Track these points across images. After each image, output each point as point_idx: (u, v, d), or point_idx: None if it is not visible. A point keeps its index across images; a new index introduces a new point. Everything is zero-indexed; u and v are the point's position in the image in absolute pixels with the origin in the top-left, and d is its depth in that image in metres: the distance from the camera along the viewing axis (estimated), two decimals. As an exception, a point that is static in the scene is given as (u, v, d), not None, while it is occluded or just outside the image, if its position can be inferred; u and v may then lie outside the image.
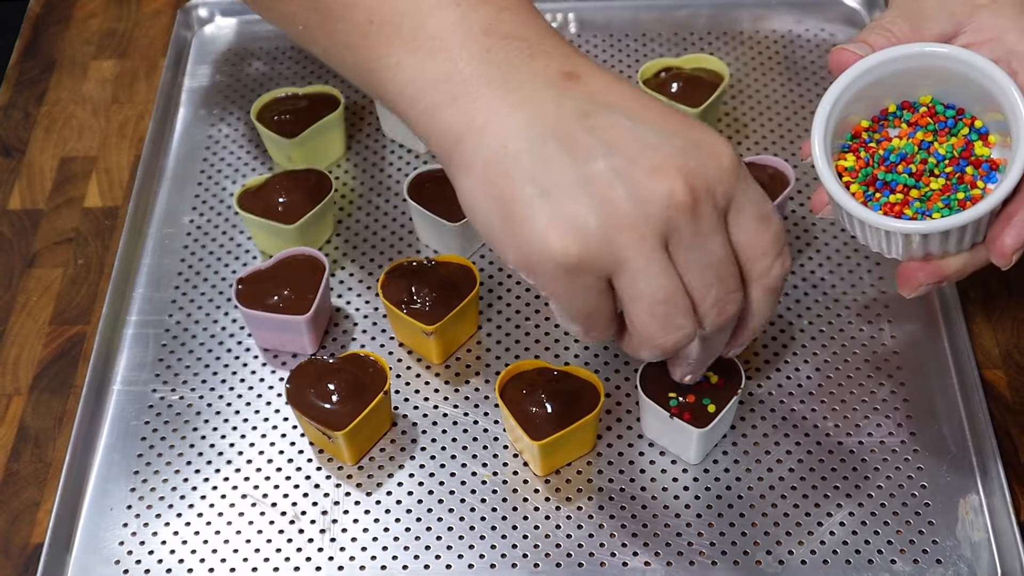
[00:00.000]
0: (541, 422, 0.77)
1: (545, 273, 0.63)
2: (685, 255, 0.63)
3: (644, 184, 0.61)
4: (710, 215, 0.63)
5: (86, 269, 0.91)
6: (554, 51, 0.65)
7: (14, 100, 1.03)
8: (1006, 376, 0.84)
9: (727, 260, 0.65)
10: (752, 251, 0.66)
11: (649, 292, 0.63)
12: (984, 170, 0.68)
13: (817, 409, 0.82)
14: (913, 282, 0.70)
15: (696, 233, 0.63)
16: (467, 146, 0.64)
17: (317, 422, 0.77)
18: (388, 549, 0.76)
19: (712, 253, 0.64)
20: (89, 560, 0.76)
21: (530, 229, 0.62)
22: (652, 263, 0.62)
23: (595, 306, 0.65)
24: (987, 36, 0.69)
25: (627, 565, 0.75)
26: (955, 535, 0.76)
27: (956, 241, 0.68)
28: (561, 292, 0.64)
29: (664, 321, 0.65)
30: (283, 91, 0.96)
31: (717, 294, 0.65)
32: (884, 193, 0.69)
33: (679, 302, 0.64)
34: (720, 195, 0.63)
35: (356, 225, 0.93)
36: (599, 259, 0.62)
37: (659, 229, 0.62)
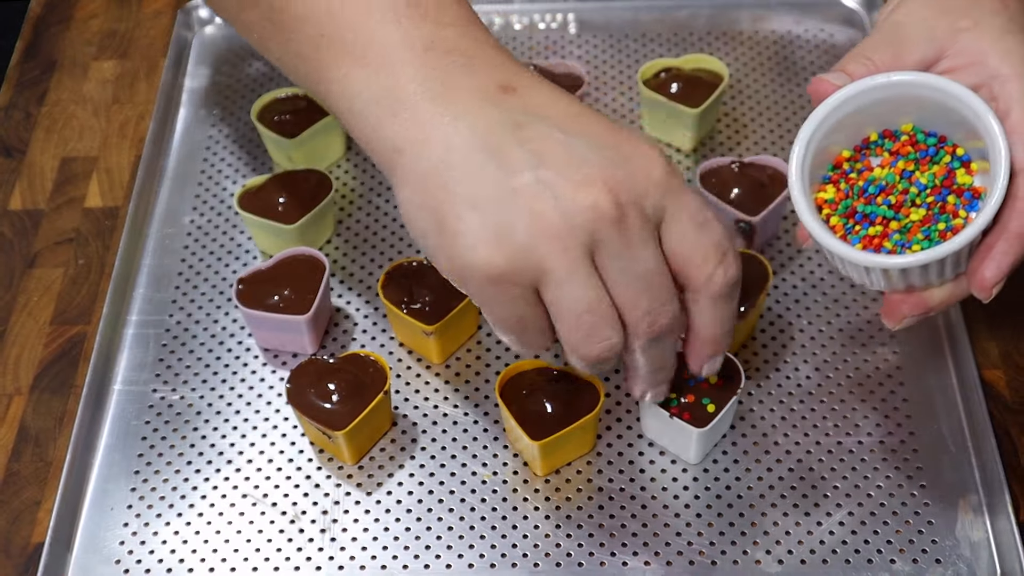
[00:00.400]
0: (541, 422, 0.77)
1: (473, 283, 0.65)
2: (612, 267, 0.64)
3: (570, 196, 0.63)
4: (638, 226, 0.64)
5: (87, 269, 0.91)
6: (493, 65, 0.67)
7: (15, 100, 1.03)
8: (1005, 376, 0.84)
9: (657, 271, 0.65)
10: (690, 259, 0.66)
11: (572, 302, 0.65)
12: (966, 199, 0.67)
13: (817, 409, 0.82)
14: (898, 314, 0.70)
15: (623, 244, 0.64)
16: (406, 159, 0.66)
17: (317, 422, 0.78)
18: (388, 549, 0.76)
19: (640, 264, 0.65)
20: (90, 560, 0.76)
21: (460, 240, 0.64)
22: (575, 274, 0.64)
23: (524, 316, 0.66)
24: (969, 60, 0.69)
25: (627, 565, 0.75)
26: (954, 535, 0.76)
27: (937, 273, 0.67)
28: (490, 302, 0.66)
29: (588, 332, 0.66)
30: (283, 91, 0.97)
31: (648, 305, 0.66)
32: (864, 226, 0.68)
33: (604, 313, 0.65)
34: (650, 206, 0.64)
35: (356, 225, 0.93)
36: (523, 270, 0.64)
37: (584, 240, 0.63)
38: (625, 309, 0.66)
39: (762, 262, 0.83)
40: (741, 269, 0.68)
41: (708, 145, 0.97)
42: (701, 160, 0.95)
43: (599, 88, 1.01)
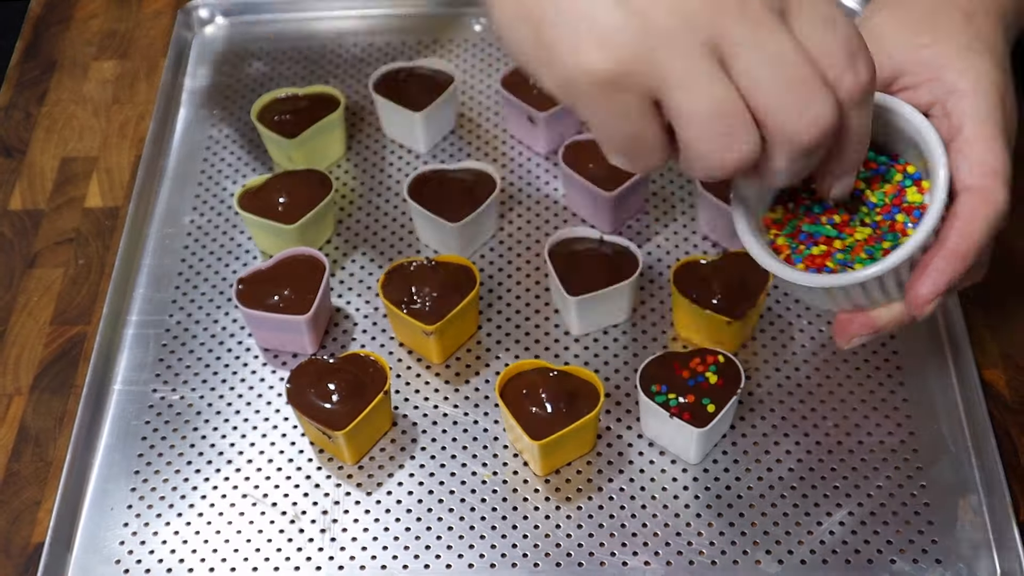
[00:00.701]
0: (541, 422, 0.77)
1: (582, 94, 0.58)
2: (745, 64, 0.56)
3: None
4: (765, 15, 0.56)
5: (87, 269, 0.91)
6: None
7: (15, 100, 1.03)
8: (1005, 376, 0.84)
9: (798, 60, 0.56)
10: (818, 59, 0.57)
11: (698, 105, 0.56)
12: (915, 217, 0.66)
13: (817, 409, 0.82)
14: (847, 334, 0.69)
15: (752, 36, 0.56)
16: None
17: (317, 422, 0.78)
18: (388, 549, 0.76)
19: (777, 54, 0.56)
20: (90, 560, 0.76)
21: (562, 48, 0.57)
22: (700, 73, 0.56)
23: (640, 129, 0.58)
24: (927, 75, 0.68)
25: (627, 565, 0.75)
26: (954, 535, 0.76)
27: (880, 291, 0.66)
28: (601, 115, 0.58)
29: (723, 137, 0.57)
30: (283, 91, 0.97)
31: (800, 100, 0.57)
32: (808, 245, 0.67)
33: (738, 114, 0.57)
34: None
35: (356, 225, 0.93)
36: (639, 74, 0.56)
37: (703, 36, 0.55)
38: (771, 112, 0.57)
39: (762, 262, 0.83)
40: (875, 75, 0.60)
41: (708, 145, 0.96)
42: (701, 160, 0.94)
43: (599, 88, 1.01)
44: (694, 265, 0.84)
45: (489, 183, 0.90)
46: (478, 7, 1.08)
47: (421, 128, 0.96)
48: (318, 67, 1.04)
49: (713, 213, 0.88)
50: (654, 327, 0.86)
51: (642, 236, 0.91)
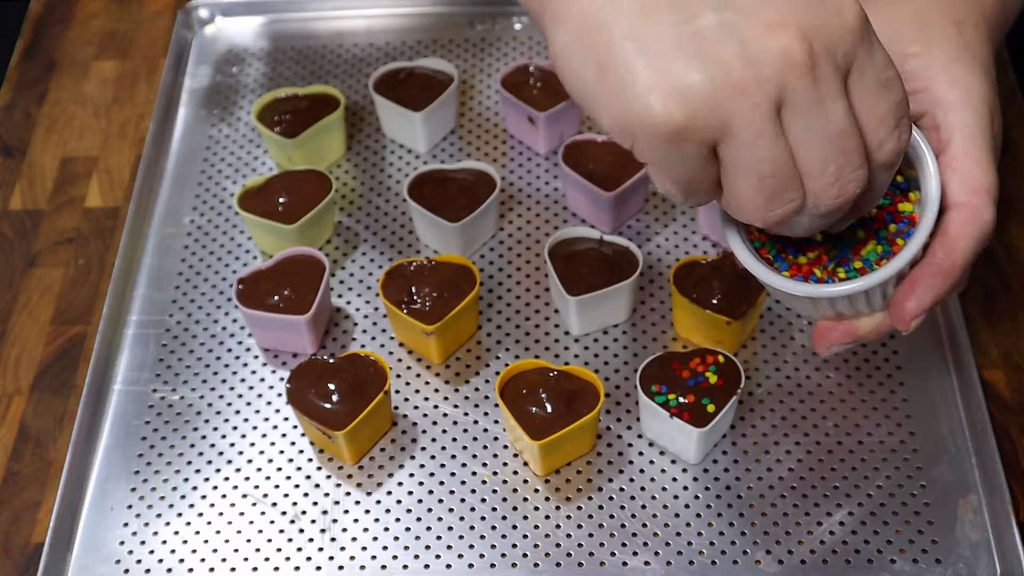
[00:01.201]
0: (541, 422, 0.77)
1: (644, 139, 0.57)
2: (802, 124, 0.57)
3: (758, 41, 0.55)
4: (830, 78, 0.56)
5: (87, 269, 0.91)
6: None
7: (15, 100, 1.03)
8: (1005, 376, 0.84)
9: (849, 132, 0.58)
10: (870, 121, 0.59)
11: (756, 164, 0.57)
12: (903, 227, 0.66)
13: (817, 409, 0.82)
14: (826, 342, 0.68)
15: (815, 99, 0.56)
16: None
17: (317, 422, 0.78)
18: (388, 549, 0.76)
19: (832, 123, 0.57)
20: (90, 560, 0.76)
21: (629, 90, 0.56)
22: (764, 133, 0.56)
23: (696, 174, 0.59)
24: (916, 86, 0.67)
25: (627, 565, 0.75)
26: (954, 535, 0.76)
27: (865, 303, 0.66)
28: (661, 159, 0.58)
29: (771, 196, 0.58)
30: (283, 91, 0.97)
31: (837, 170, 0.58)
32: (793, 253, 0.67)
33: (788, 176, 0.58)
34: (841, 56, 0.57)
35: (356, 225, 0.93)
36: (705, 126, 0.56)
37: (773, 93, 0.56)
38: (811, 172, 0.58)
39: (762, 262, 0.83)
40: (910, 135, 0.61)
41: (708, 145, 0.96)
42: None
43: (599, 88, 1.01)
44: (694, 265, 0.84)
45: (489, 183, 0.90)
46: (478, 7, 1.08)
47: (421, 128, 0.96)
48: (318, 67, 1.04)
49: (713, 213, 0.88)
50: (654, 327, 0.86)
51: (642, 236, 0.91)
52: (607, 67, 0.56)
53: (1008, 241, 0.91)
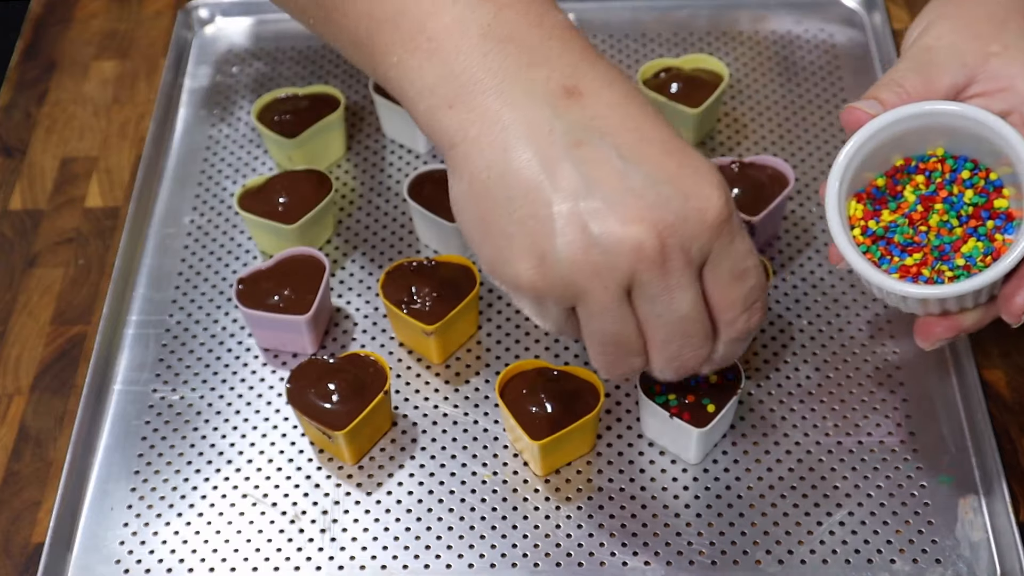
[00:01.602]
0: (541, 422, 0.77)
1: (512, 293, 0.66)
2: (647, 307, 0.64)
3: (614, 232, 0.61)
4: (679, 272, 0.63)
5: (87, 269, 0.91)
6: (559, 58, 0.64)
7: (15, 100, 1.03)
8: (1005, 376, 0.84)
9: (694, 317, 0.65)
10: (721, 304, 0.66)
11: (600, 333, 0.65)
12: (1000, 223, 0.68)
13: (817, 409, 0.82)
14: (932, 337, 0.70)
15: (662, 288, 0.63)
16: (459, 153, 0.64)
17: (317, 422, 0.78)
18: (388, 549, 0.76)
19: (676, 310, 0.64)
20: (90, 560, 0.76)
21: (502, 253, 0.63)
22: (607, 310, 0.64)
23: (559, 323, 0.67)
24: (1000, 85, 0.69)
25: (627, 565, 0.75)
26: (954, 535, 0.76)
27: (973, 298, 0.68)
28: (527, 308, 0.67)
29: (611, 359, 0.67)
30: (283, 91, 0.97)
31: (678, 349, 0.66)
32: (901, 255, 0.69)
33: (630, 346, 0.66)
34: (696, 250, 0.63)
35: (356, 225, 0.93)
36: (562, 295, 0.64)
37: (622, 279, 0.62)
38: (654, 347, 0.66)
39: (762, 262, 0.83)
40: (765, 315, 0.69)
41: (708, 145, 0.97)
42: (701, 160, 0.94)
43: (599, 88, 1.01)
44: (694, 265, 0.84)
45: (489, 183, 0.90)
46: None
47: (421, 128, 0.95)
48: (318, 67, 1.04)
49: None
50: (654, 327, 0.86)
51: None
52: (488, 228, 0.64)
53: (1008, 241, 0.90)
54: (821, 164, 0.95)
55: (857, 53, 1.03)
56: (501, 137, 0.62)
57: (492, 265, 0.65)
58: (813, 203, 0.93)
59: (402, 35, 0.65)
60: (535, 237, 0.62)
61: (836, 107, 0.99)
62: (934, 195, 0.70)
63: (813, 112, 0.99)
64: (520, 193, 0.62)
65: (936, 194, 0.70)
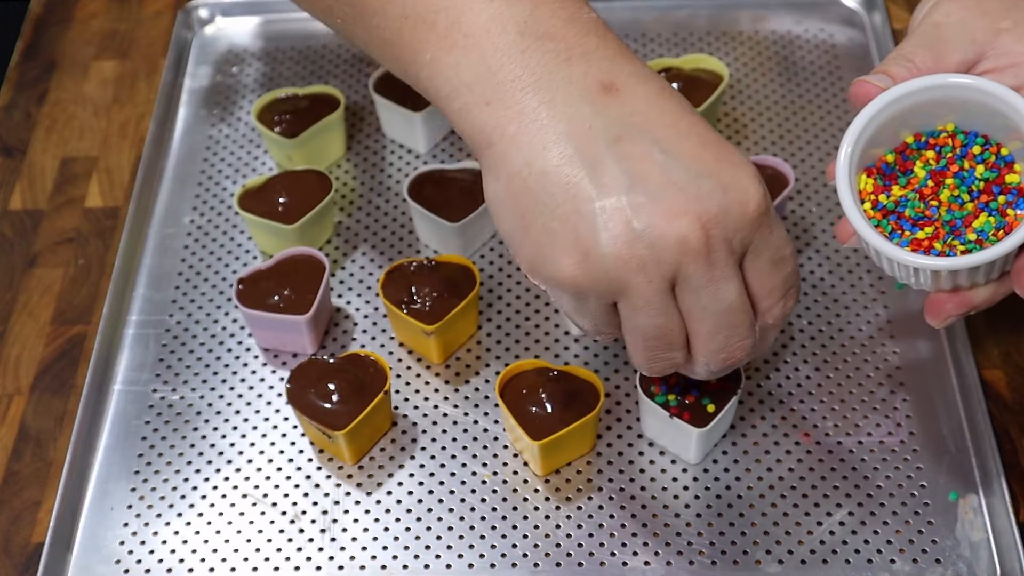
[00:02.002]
0: (541, 422, 0.77)
1: (553, 289, 0.65)
2: (692, 299, 0.64)
3: (659, 226, 0.61)
4: (723, 263, 0.63)
5: (87, 269, 0.91)
6: (594, 55, 0.64)
7: (15, 100, 1.03)
8: (1005, 376, 0.84)
9: (739, 308, 0.65)
10: (761, 293, 0.66)
11: (644, 328, 0.65)
12: (1012, 198, 0.67)
13: (817, 409, 0.82)
14: (943, 313, 0.69)
15: (707, 280, 0.63)
16: (496, 152, 0.64)
17: (317, 422, 0.78)
18: (388, 549, 0.76)
19: (722, 300, 0.64)
20: (90, 560, 0.77)
21: (544, 250, 0.63)
22: (653, 303, 0.64)
23: (600, 320, 0.66)
24: (1010, 61, 0.68)
25: (627, 565, 0.75)
26: (954, 535, 0.76)
27: (985, 273, 0.67)
28: (567, 306, 0.66)
29: (654, 353, 0.67)
30: (283, 91, 0.97)
31: (725, 341, 0.66)
32: (912, 229, 0.68)
33: (673, 340, 0.66)
34: (738, 242, 0.63)
35: (356, 225, 0.93)
36: (605, 290, 0.63)
37: (667, 273, 0.63)
38: (699, 340, 0.66)
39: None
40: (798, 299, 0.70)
41: (708, 145, 0.96)
42: (701, 160, 0.94)
43: (599, 88, 1.01)
44: (694, 265, 0.84)
45: (489, 183, 0.90)
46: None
47: (421, 128, 0.96)
48: (318, 67, 1.04)
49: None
50: (654, 327, 0.86)
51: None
52: (528, 226, 0.63)
53: (1008, 241, 0.90)
54: (821, 164, 0.95)
55: (857, 53, 1.03)
56: (540, 135, 0.62)
57: (533, 263, 0.64)
58: (813, 203, 0.93)
59: (437, 32, 0.65)
60: (578, 233, 0.62)
61: (836, 107, 0.99)
62: (945, 170, 0.69)
63: (813, 112, 0.99)
64: (561, 189, 0.62)
65: (947, 169, 0.69)
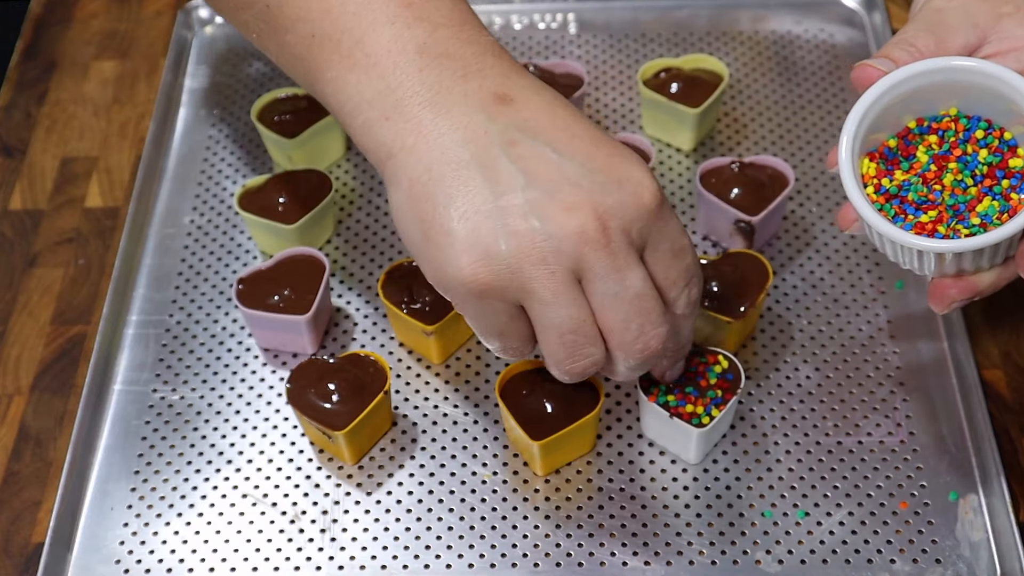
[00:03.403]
0: (541, 422, 0.77)
1: (457, 295, 0.66)
2: (599, 290, 0.65)
3: (557, 220, 0.63)
4: (624, 252, 0.65)
5: (87, 269, 0.91)
6: (490, 71, 0.67)
7: (15, 100, 1.03)
8: (1005, 376, 0.84)
9: (647, 295, 0.66)
10: (665, 283, 0.68)
11: (556, 322, 0.66)
12: (1016, 181, 0.67)
13: (817, 409, 0.82)
14: (946, 299, 0.69)
15: (610, 268, 0.64)
16: (397, 163, 0.66)
17: (317, 422, 0.78)
18: (388, 549, 0.76)
19: (629, 288, 0.65)
20: (90, 560, 0.76)
21: (446, 252, 0.64)
22: (559, 296, 0.65)
23: (507, 327, 0.67)
24: (1012, 45, 0.68)
25: (627, 565, 0.75)
26: (954, 535, 0.76)
27: (989, 257, 0.67)
28: (473, 313, 0.67)
29: (571, 350, 0.67)
30: (283, 91, 0.97)
31: (639, 329, 0.67)
32: (916, 213, 0.68)
33: (587, 332, 0.66)
34: (636, 233, 0.65)
35: (356, 225, 0.93)
36: (508, 288, 0.65)
37: (569, 264, 0.64)
38: (614, 333, 0.67)
39: (762, 262, 0.84)
40: (703, 289, 0.71)
41: (708, 145, 0.97)
42: (701, 160, 0.95)
43: (599, 88, 1.01)
44: (694, 265, 0.84)
45: (489, 183, 0.90)
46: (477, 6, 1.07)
47: (421, 128, 0.95)
48: (318, 67, 1.04)
49: (712, 213, 0.88)
50: (654, 327, 0.86)
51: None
52: (429, 231, 0.65)
53: (1008, 241, 0.90)
54: (821, 164, 0.95)
55: (857, 53, 1.03)
56: (438, 143, 0.65)
57: (436, 269, 0.66)
58: (813, 203, 0.93)
59: (341, 52, 0.68)
60: (478, 232, 0.64)
61: (836, 107, 0.99)
62: (948, 154, 0.68)
63: (813, 112, 0.99)
64: (459, 192, 0.64)
65: (950, 153, 0.68)
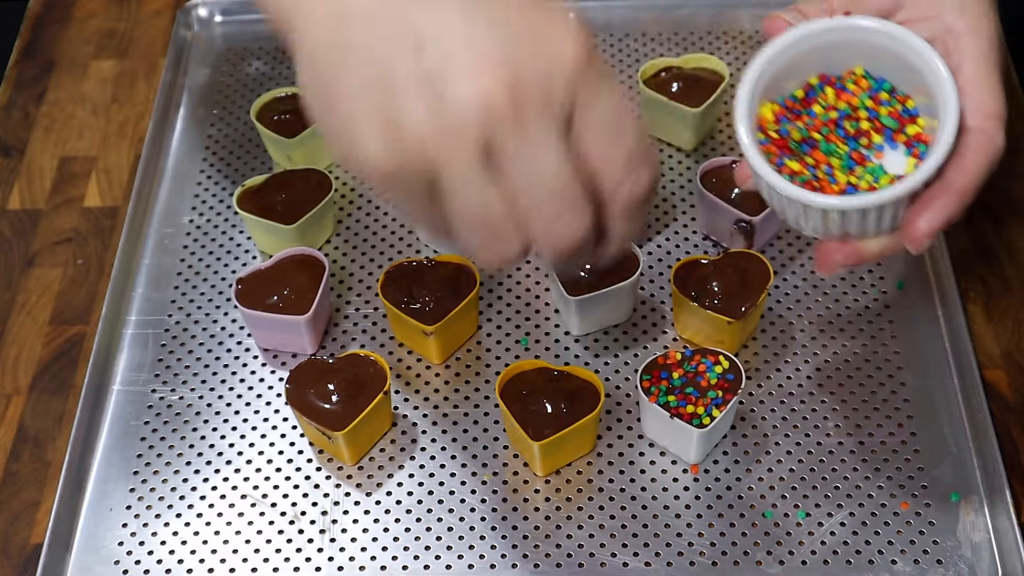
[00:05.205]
0: (541, 422, 0.77)
1: (368, 177, 0.59)
2: (512, 168, 0.56)
3: (461, 90, 0.55)
4: (538, 124, 0.56)
5: (86, 269, 0.91)
6: None
7: (14, 100, 1.03)
8: (1007, 376, 0.83)
9: (564, 175, 0.57)
10: (600, 165, 0.58)
11: (468, 208, 0.57)
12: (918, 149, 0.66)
13: (817, 409, 0.81)
14: (831, 263, 0.68)
15: (521, 143, 0.56)
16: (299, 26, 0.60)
17: (317, 422, 0.77)
18: (388, 549, 0.76)
19: (543, 167, 0.56)
20: (88, 560, 0.76)
21: (350, 132, 0.57)
22: (469, 178, 0.56)
23: (425, 211, 0.59)
24: (925, 13, 0.68)
25: (627, 565, 0.75)
26: (956, 535, 0.76)
27: (875, 221, 0.65)
28: (387, 195, 0.60)
29: (486, 239, 0.59)
30: (283, 91, 0.96)
31: (553, 216, 0.58)
32: (811, 170, 0.67)
33: (500, 223, 0.58)
34: (557, 99, 0.56)
35: (356, 225, 0.93)
36: (416, 170, 0.57)
37: (476, 139, 0.55)
38: (527, 222, 0.58)
39: (763, 262, 0.83)
40: (656, 180, 0.60)
41: (708, 145, 0.96)
42: (701, 160, 0.94)
43: (599, 88, 1.01)
44: (694, 265, 0.84)
45: (489, 183, 0.89)
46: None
47: (421, 128, 0.95)
48: (318, 67, 1.03)
49: (713, 213, 0.88)
50: (654, 327, 0.86)
51: (642, 236, 0.91)
52: (334, 103, 0.58)
53: (1008, 241, 0.90)
54: (822, 164, 0.95)
55: (858, 53, 1.02)
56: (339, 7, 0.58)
57: (343, 147, 0.58)
58: (814, 203, 0.92)
59: None
60: (380, 106, 0.56)
61: (837, 107, 0.99)
62: (848, 113, 0.68)
63: (814, 112, 0.98)
64: (360, 60, 0.57)
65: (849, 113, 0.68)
